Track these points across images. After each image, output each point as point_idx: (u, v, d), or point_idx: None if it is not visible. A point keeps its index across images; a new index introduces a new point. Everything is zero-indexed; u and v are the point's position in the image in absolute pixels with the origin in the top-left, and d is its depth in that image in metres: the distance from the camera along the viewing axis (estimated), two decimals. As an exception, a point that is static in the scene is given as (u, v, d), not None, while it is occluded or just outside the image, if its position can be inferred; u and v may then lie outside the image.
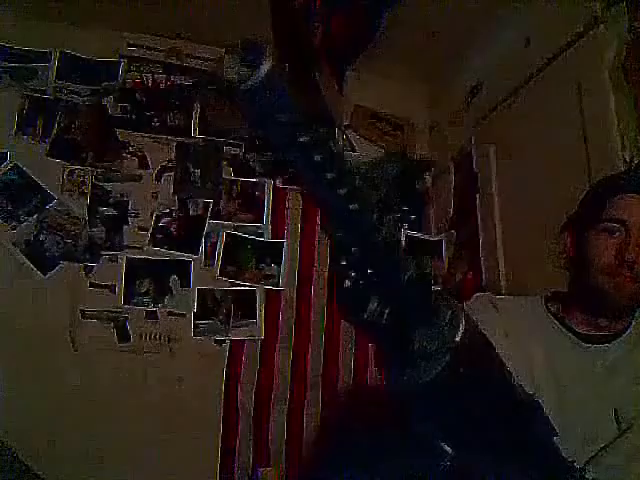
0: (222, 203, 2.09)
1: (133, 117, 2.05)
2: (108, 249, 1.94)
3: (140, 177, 2.02)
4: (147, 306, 1.94)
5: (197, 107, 2.12)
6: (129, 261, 1.95)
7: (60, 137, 1.95)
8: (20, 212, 1.87)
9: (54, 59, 1.99)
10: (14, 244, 1.85)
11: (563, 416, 0.83)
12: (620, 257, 0.92)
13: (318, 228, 2.17)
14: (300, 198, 2.18)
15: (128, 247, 1.97)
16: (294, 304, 2.08)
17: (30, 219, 1.87)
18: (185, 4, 1.90)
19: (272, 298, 2.06)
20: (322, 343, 2.07)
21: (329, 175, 0.36)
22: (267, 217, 2.12)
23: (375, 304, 0.45)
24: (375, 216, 0.39)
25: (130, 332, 1.92)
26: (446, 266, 2.16)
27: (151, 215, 2.01)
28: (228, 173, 2.12)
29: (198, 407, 1.89)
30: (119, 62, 2.06)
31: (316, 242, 2.15)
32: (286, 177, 2.17)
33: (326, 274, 2.14)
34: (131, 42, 2.10)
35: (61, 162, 1.94)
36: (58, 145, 1.95)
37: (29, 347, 1.76)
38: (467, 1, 1.80)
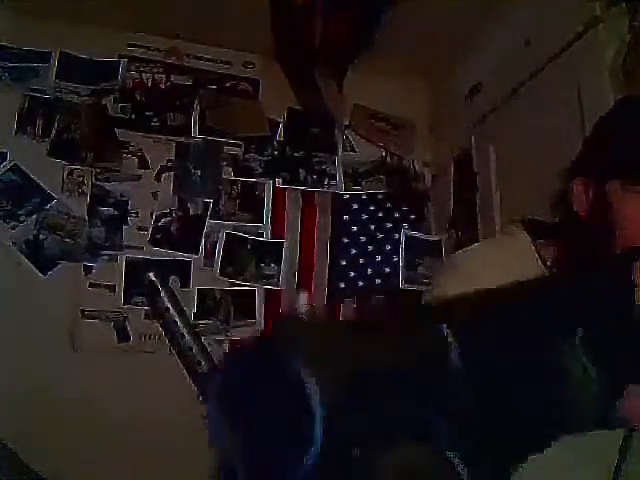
0: (222, 203, 2.09)
1: (133, 117, 2.04)
2: (108, 249, 1.94)
3: (140, 177, 2.02)
4: (147, 306, 1.94)
5: (197, 107, 2.12)
6: (129, 261, 1.95)
7: (60, 137, 1.95)
8: (20, 212, 1.87)
9: (54, 59, 1.99)
10: (14, 244, 1.85)
11: None
12: None
13: (318, 228, 2.17)
14: (300, 198, 2.18)
15: (128, 247, 1.96)
16: (294, 304, 2.07)
17: (30, 219, 1.87)
18: (185, 4, 1.90)
19: (272, 298, 2.06)
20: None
21: None
22: (267, 217, 2.12)
23: None
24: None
25: (130, 332, 1.92)
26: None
27: (151, 215, 2.01)
28: (228, 173, 2.12)
29: (198, 407, 1.88)
30: (119, 62, 2.06)
31: (316, 242, 2.15)
32: (286, 177, 2.17)
33: (326, 274, 2.14)
34: (131, 42, 2.10)
35: (61, 162, 1.94)
36: (58, 145, 1.95)
37: (29, 347, 1.76)
38: (467, 1, 1.79)
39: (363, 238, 2.19)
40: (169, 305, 0.55)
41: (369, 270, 2.16)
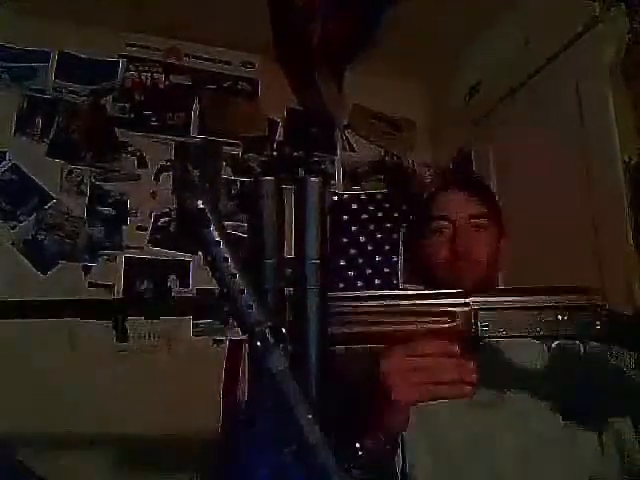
0: (221, 203, 2.09)
1: (132, 117, 2.04)
2: (107, 249, 1.94)
3: (139, 177, 2.02)
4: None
5: (196, 107, 2.12)
6: (128, 261, 1.95)
7: (59, 137, 1.95)
8: (19, 212, 1.87)
9: (53, 59, 1.99)
10: (13, 244, 1.85)
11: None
12: (452, 250, 1.01)
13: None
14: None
15: (127, 247, 1.96)
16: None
17: (29, 219, 1.87)
18: (184, 4, 1.90)
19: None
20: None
21: None
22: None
23: None
24: None
25: (129, 332, 1.91)
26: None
27: (150, 215, 2.01)
28: (227, 173, 2.12)
29: (198, 407, 1.88)
30: (118, 62, 2.06)
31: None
32: (285, 177, 2.17)
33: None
34: (131, 42, 2.10)
35: (60, 162, 1.94)
36: (57, 145, 1.94)
37: (28, 347, 1.75)
38: (467, 1, 1.79)
39: (362, 238, 2.19)
40: (219, 239, 0.44)
41: (368, 270, 2.16)
